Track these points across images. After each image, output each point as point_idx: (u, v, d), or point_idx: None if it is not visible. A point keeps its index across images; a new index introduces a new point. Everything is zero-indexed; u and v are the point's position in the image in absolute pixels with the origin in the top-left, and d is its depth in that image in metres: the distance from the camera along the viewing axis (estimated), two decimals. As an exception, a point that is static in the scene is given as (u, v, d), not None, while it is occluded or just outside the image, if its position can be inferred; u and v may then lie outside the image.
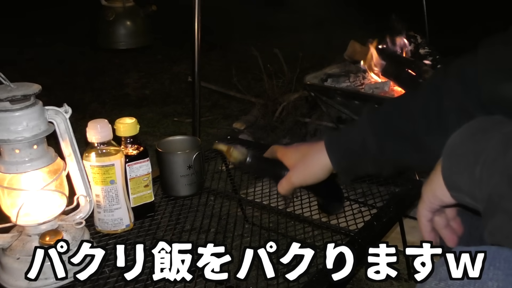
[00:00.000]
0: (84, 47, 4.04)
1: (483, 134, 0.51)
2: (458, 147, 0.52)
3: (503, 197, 0.45)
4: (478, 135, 0.51)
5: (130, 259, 0.81)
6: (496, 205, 0.46)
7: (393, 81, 1.77)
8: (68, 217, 0.81)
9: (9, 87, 0.70)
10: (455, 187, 0.51)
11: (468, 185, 0.49)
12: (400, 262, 0.67)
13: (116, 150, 0.84)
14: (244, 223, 1.29)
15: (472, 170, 0.48)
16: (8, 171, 0.72)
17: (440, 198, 0.55)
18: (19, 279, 0.73)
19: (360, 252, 0.83)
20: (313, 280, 0.75)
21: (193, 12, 1.67)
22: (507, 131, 0.48)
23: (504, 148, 0.46)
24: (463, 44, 1.39)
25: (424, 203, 0.58)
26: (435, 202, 0.57)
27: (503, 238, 0.45)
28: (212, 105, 2.77)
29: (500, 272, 0.43)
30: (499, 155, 0.46)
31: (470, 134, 0.52)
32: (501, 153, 0.46)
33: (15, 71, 3.20)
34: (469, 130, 0.53)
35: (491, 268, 0.43)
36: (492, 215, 0.46)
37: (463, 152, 0.51)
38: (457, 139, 0.53)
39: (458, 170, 0.51)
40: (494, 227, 0.46)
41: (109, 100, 2.93)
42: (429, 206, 0.58)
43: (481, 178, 0.47)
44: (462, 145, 0.52)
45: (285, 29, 4.20)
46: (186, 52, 2.03)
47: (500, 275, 0.43)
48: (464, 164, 0.50)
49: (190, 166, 1.00)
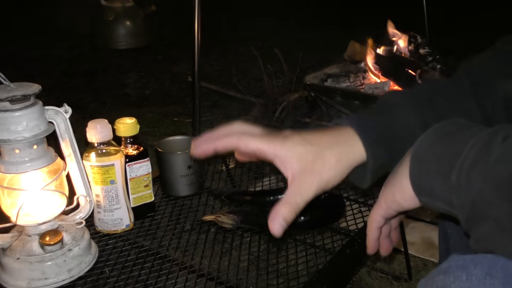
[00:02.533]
0: (84, 47, 4.04)
1: (453, 137, 0.49)
2: (427, 150, 0.50)
3: (490, 204, 0.44)
4: (448, 138, 0.49)
5: (130, 259, 0.82)
6: (482, 212, 0.44)
7: (393, 81, 1.77)
8: (68, 217, 0.81)
9: (9, 87, 0.70)
10: (426, 193, 0.49)
11: (442, 190, 0.47)
12: (400, 262, 0.67)
13: (116, 150, 0.84)
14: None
15: (446, 175, 0.46)
16: (8, 171, 0.72)
17: (399, 203, 0.52)
18: (19, 279, 0.73)
19: (360, 252, 0.83)
20: (313, 280, 0.75)
21: (193, 12, 1.67)
22: (482, 134, 0.47)
23: (483, 152, 0.45)
24: (463, 44, 1.39)
25: (380, 208, 0.55)
26: (392, 207, 0.53)
27: (494, 246, 0.44)
28: (212, 105, 2.77)
29: (497, 282, 0.42)
30: (478, 160, 0.45)
31: (438, 137, 0.50)
32: (481, 158, 0.45)
33: (15, 71, 3.20)
34: (436, 133, 0.50)
35: (487, 277, 0.43)
36: (476, 223, 0.45)
37: (433, 156, 0.49)
38: (424, 143, 0.50)
39: (430, 175, 0.48)
40: (482, 235, 0.45)
41: (109, 100, 2.94)
42: (385, 212, 0.55)
43: (459, 184, 0.46)
44: (431, 149, 0.49)
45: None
46: (186, 52, 2.03)
47: (496, 284, 0.42)
48: (436, 168, 0.48)
49: (190, 166, 1.00)
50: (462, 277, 0.43)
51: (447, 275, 0.44)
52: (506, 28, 0.67)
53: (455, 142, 0.48)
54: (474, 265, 0.44)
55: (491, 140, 0.45)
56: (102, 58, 3.78)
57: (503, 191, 0.43)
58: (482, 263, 0.43)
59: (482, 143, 0.46)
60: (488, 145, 0.45)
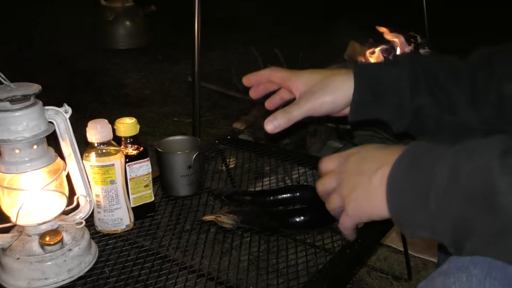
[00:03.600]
0: (84, 47, 4.04)
1: (422, 161, 0.49)
2: (400, 180, 0.50)
3: (470, 220, 0.43)
4: (418, 163, 0.49)
5: (130, 259, 0.82)
6: (466, 232, 0.44)
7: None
8: (68, 217, 0.81)
9: (9, 87, 0.70)
10: (410, 225, 0.49)
11: (424, 220, 0.47)
12: (400, 262, 0.67)
13: (116, 150, 0.84)
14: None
15: (425, 204, 0.46)
16: (8, 171, 0.72)
17: (373, 219, 0.56)
18: (19, 279, 0.73)
19: (360, 252, 0.83)
20: (313, 280, 0.75)
21: (193, 12, 1.67)
22: (449, 154, 0.47)
23: (453, 172, 0.45)
24: (464, 44, 1.39)
25: (352, 219, 0.59)
26: (363, 220, 0.58)
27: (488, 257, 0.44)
28: (212, 105, 2.77)
29: (497, 282, 0.42)
30: (451, 181, 0.45)
31: (408, 163, 0.50)
32: (453, 178, 0.45)
33: (15, 71, 3.20)
34: (405, 160, 0.50)
35: (487, 278, 0.43)
36: (462, 245, 0.45)
37: (408, 185, 0.49)
38: (397, 171, 0.50)
39: (408, 206, 0.48)
40: (472, 252, 0.45)
41: (109, 100, 2.94)
42: (357, 221, 0.59)
43: (439, 210, 0.45)
44: (404, 178, 0.49)
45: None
46: (186, 52, 2.03)
47: (496, 285, 0.42)
48: (413, 198, 0.48)
49: (190, 166, 1.00)
50: (462, 278, 0.43)
51: (447, 277, 0.44)
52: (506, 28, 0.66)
53: (425, 168, 0.48)
54: (474, 266, 0.44)
55: (458, 158, 0.45)
56: (102, 58, 3.78)
57: (479, 205, 0.43)
58: (481, 264, 0.43)
59: (450, 163, 0.46)
60: (456, 164, 0.45)
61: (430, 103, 0.64)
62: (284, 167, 1.18)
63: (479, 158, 0.44)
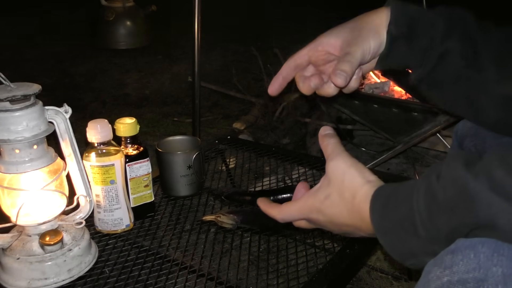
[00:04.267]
0: (84, 47, 4.04)
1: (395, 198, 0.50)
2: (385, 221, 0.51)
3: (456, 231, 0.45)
4: (392, 202, 0.51)
5: (130, 259, 0.82)
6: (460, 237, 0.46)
7: (393, 81, 1.77)
8: (68, 217, 0.81)
9: (9, 87, 0.70)
10: (410, 257, 0.51)
11: (421, 247, 0.49)
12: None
13: (116, 150, 0.84)
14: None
15: (416, 234, 0.48)
16: (8, 171, 0.72)
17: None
18: (19, 279, 0.73)
19: (360, 252, 0.83)
20: (313, 280, 0.75)
21: (193, 12, 1.67)
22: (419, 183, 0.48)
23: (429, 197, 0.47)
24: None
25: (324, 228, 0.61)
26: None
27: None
28: (212, 105, 2.77)
29: (504, 258, 0.43)
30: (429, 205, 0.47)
31: (382, 205, 0.52)
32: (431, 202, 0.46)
33: (15, 71, 3.20)
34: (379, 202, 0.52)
35: (495, 254, 0.44)
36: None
37: (393, 223, 0.50)
38: (376, 216, 0.52)
39: (402, 241, 0.50)
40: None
41: (109, 100, 2.93)
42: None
43: (431, 235, 0.47)
44: (386, 218, 0.51)
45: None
46: (186, 52, 2.03)
47: (504, 261, 0.43)
48: (401, 232, 0.49)
49: (190, 166, 1.00)
50: (470, 255, 0.45)
51: (455, 254, 0.45)
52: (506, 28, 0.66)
53: (401, 202, 0.50)
54: (481, 244, 0.45)
55: (429, 181, 0.47)
56: (102, 58, 3.78)
57: (462, 211, 0.44)
58: (489, 242, 0.45)
59: (424, 188, 0.47)
60: (428, 186, 0.47)
61: (458, 49, 0.64)
62: (284, 167, 1.18)
63: (448, 171, 0.46)
